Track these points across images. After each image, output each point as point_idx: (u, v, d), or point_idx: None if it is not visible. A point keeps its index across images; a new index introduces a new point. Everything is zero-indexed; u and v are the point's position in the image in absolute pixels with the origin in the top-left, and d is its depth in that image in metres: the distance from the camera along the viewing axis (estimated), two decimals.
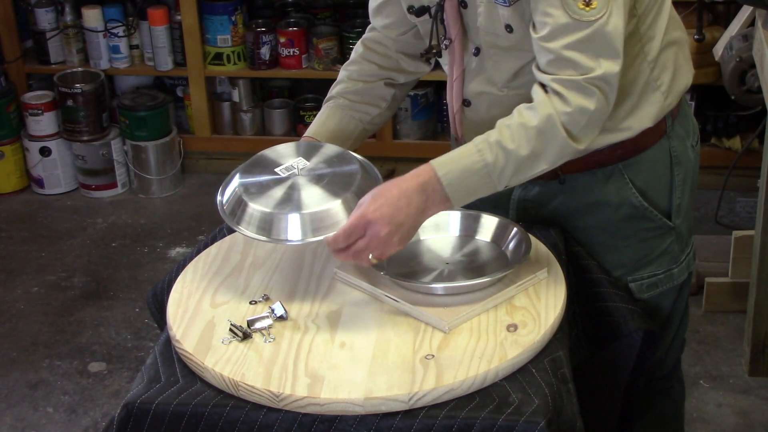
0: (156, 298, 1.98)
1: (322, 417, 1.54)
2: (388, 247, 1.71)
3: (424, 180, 1.72)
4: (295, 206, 1.74)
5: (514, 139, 1.71)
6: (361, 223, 1.70)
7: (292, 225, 1.73)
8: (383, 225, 1.69)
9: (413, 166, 1.77)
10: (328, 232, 1.72)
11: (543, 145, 1.71)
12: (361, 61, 2.05)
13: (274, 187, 1.78)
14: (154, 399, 1.58)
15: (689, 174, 1.98)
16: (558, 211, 1.96)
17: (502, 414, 1.52)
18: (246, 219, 1.75)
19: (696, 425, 2.84)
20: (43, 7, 4.08)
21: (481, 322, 1.69)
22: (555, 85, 1.70)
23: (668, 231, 1.97)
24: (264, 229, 1.74)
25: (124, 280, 3.58)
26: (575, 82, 1.69)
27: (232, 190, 1.80)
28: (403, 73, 2.06)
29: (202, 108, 4.14)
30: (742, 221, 3.69)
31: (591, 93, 1.69)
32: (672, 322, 2.07)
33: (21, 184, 4.18)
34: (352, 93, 2.02)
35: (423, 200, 1.72)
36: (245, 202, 1.75)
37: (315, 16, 4.12)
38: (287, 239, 1.73)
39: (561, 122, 1.70)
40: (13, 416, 2.98)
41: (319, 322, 1.70)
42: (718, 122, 3.80)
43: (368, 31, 2.06)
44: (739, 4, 3.31)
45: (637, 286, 1.97)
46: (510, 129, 1.72)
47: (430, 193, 1.72)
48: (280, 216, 1.73)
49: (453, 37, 1.87)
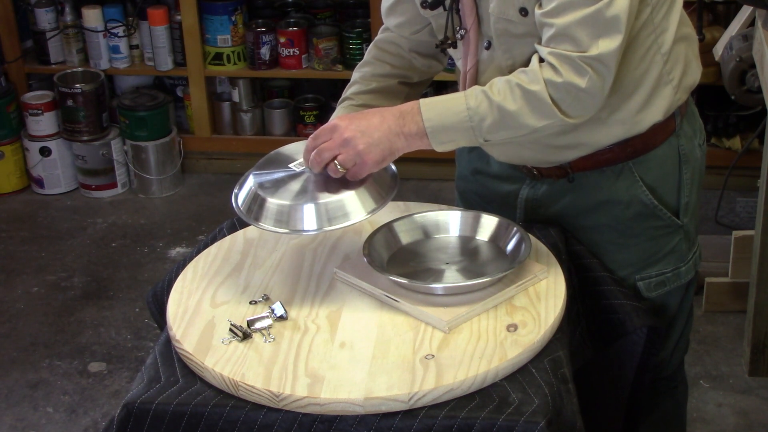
0: (156, 298, 1.98)
1: (322, 417, 1.54)
2: (352, 152, 1.74)
3: (405, 108, 1.78)
4: (310, 197, 1.74)
5: (501, 92, 1.74)
6: (329, 126, 1.77)
7: (308, 215, 1.73)
8: (348, 129, 1.75)
9: (413, 165, 1.78)
10: (344, 222, 1.73)
11: (529, 106, 1.73)
12: (374, 62, 2.04)
13: (290, 181, 1.78)
14: (154, 399, 1.58)
15: (696, 172, 1.98)
16: (566, 209, 1.96)
17: (502, 414, 1.52)
18: (264, 214, 1.76)
19: (696, 425, 2.84)
20: (43, 7, 4.08)
21: (481, 322, 1.69)
22: (551, 58, 1.72)
23: (677, 229, 1.97)
24: (281, 221, 1.74)
25: (124, 280, 3.58)
26: (570, 58, 1.71)
27: (248, 188, 1.80)
28: (416, 72, 2.06)
29: (202, 108, 4.14)
30: (742, 221, 3.69)
31: (583, 72, 1.70)
32: (678, 321, 2.07)
33: (21, 184, 4.18)
34: (365, 93, 2.01)
35: (398, 123, 1.76)
36: (262, 197, 1.76)
37: (315, 16, 4.13)
38: (303, 229, 1.74)
39: (548, 91, 1.72)
40: (13, 416, 2.98)
41: (319, 322, 1.71)
42: (718, 122, 3.80)
43: (381, 32, 2.06)
44: (739, 4, 3.31)
45: (645, 284, 1.97)
46: (499, 84, 1.75)
47: (408, 120, 1.76)
48: (296, 207, 1.73)
49: (468, 27, 1.86)
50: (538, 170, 1.95)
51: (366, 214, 1.74)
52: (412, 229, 1.89)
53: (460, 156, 2.13)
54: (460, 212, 1.91)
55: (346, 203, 1.73)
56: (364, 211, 1.74)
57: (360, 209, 1.73)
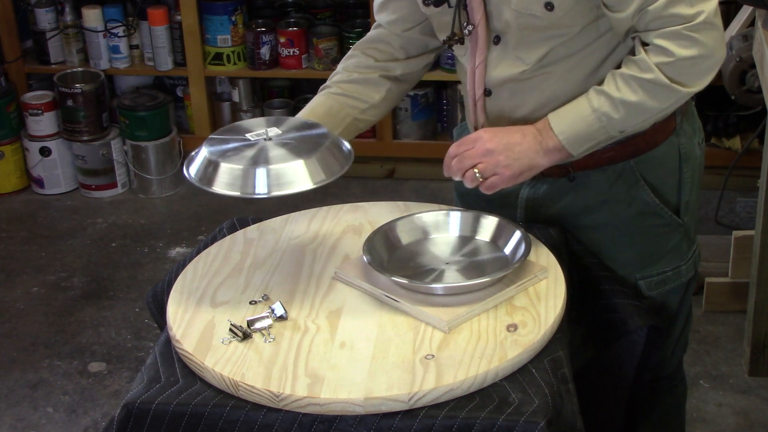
0: (156, 298, 1.98)
1: (322, 417, 1.54)
2: (493, 162, 1.80)
3: (540, 125, 1.83)
4: (262, 163, 1.75)
5: (619, 88, 1.77)
6: (473, 137, 1.83)
7: (260, 179, 1.73)
8: (492, 141, 1.81)
9: (413, 166, 1.78)
10: (293, 189, 1.73)
11: (649, 94, 1.76)
12: (358, 55, 2.05)
13: (245, 150, 1.79)
14: (154, 399, 1.58)
15: (696, 171, 1.98)
16: (567, 209, 1.96)
17: (502, 414, 1.52)
18: (217, 178, 1.75)
19: (696, 425, 2.84)
20: (43, 7, 4.09)
21: (481, 322, 1.69)
22: (659, 40, 1.74)
23: (677, 228, 1.97)
24: (233, 185, 1.75)
25: (124, 280, 3.58)
26: (677, 33, 1.73)
27: (202, 155, 1.79)
28: (400, 65, 2.05)
29: (202, 108, 4.14)
30: (742, 221, 3.69)
31: (693, 41, 1.73)
32: (678, 320, 2.07)
33: (21, 184, 4.18)
34: (346, 82, 2.02)
35: (537, 140, 1.81)
36: (216, 161, 1.76)
37: (315, 16, 4.13)
38: (255, 192, 1.74)
39: (664, 74, 1.75)
40: (13, 416, 2.98)
41: (319, 322, 1.70)
42: (718, 122, 3.80)
43: (374, 28, 2.06)
44: (739, 4, 3.31)
45: (646, 283, 1.97)
46: (614, 78, 1.79)
47: (545, 135, 1.81)
48: (249, 171, 1.74)
49: (476, 23, 1.86)
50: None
51: (313, 184, 1.74)
52: (412, 229, 1.89)
53: None
54: (460, 212, 1.91)
55: (297, 170, 1.74)
56: (311, 182, 1.74)
57: (307, 179, 1.73)
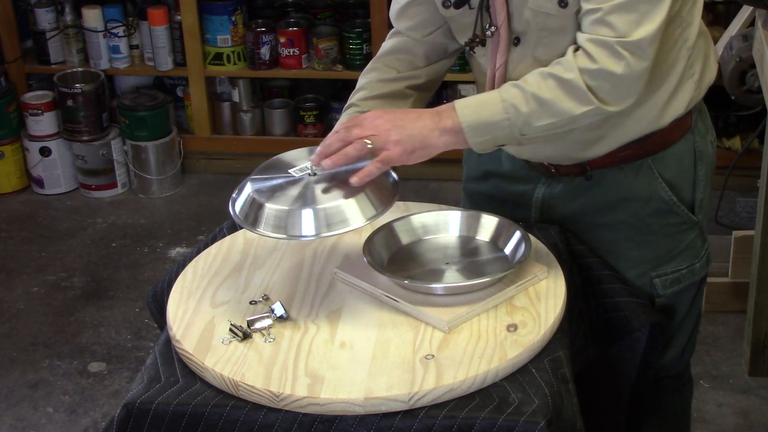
0: (156, 298, 1.98)
1: (322, 417, 1.54)
2: (383, 137, 1.72)
3: (441, 108, 1.76)
4: (309, 203, 1.72)
5: (535, 83, 1.72)
6: (361, 116, 1.75)
7: (306, 221, 1.71)
8: (382, 118, 1.73)
9: (413, 166, 1.77)
10: (342, 228, 1.71)
11: (564, 93, 1.71)
12: (380, 68, 1.98)
13: (288, 187, 1.76)
14: (154, 399, 1.58)
15: (709, 170, 1.99)
16: (583, 207, 1.95)
17: (502, 414, 1.52)
18: (262, 219, 1.73)
19: (696, 425, 2.84)
20: (43, 7, 4.08)
21: (481, 322, 1.69)
22: (587, 44, 1.70)
23: (693, 226, 1.97)
24: (279, 227, 1.72)
25: (124, 280, 3.58)
26: (607, 44, 1.69)
27: (246, 193, 1.77)
28: (423, 72, 2.00)
29: (202, 108, 4.14)
30: (742, 221, 3.69)
31: (620, 57, 1.68)
32: (690, 319, 2.07)
33: (21, 184, 4.18)
34: (371, 99, 1.95)
35: (434, 120, 1.74)
36: (259, 202, 1.74)
37: (315, 16, 4.13)
38: (302, 235, 1.72)
39: (583, 79, 1.70)
40: (13, 416, 2.98)
41: (319, 322, 1.70)
42: (718, 122, 3.80)
43: (390, 36, 2.01)
44: (739, 4, 3.31)
45: (662, 281, 1.97)
46: (532, 75, 1.73)
47: (444, 116, 1.74)
48: (294, 212, 1.71)
49: (499, 24, 1.83)
50: (556, 168, 1.93)
51: (365, 220, 1.71)
52: (412, 229, 1.89)
53: (469, 158, 2.11)
54: (460, 212, 1.91)
55: (345, 209, 1.71)
56: (363, 218, 1.71)
57: (359, 215, 1.71)
